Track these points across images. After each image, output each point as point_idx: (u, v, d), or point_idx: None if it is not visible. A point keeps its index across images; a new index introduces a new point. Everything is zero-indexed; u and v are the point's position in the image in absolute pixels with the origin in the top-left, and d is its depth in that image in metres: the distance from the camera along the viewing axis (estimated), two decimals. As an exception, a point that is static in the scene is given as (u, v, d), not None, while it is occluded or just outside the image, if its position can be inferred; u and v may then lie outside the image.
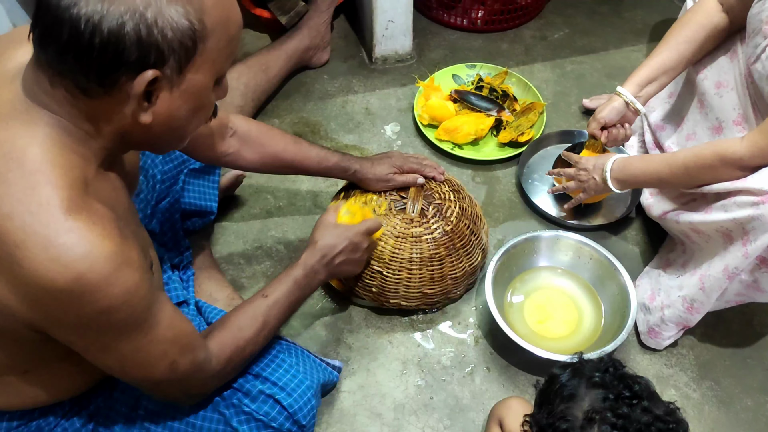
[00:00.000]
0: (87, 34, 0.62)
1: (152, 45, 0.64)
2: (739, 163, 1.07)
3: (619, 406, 0.78)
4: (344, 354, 1.31)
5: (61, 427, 0.92)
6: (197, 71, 0.70)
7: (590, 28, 1.99)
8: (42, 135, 0.68)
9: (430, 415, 1.23)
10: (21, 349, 0.79)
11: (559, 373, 0.87)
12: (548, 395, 0.86)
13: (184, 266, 1.27)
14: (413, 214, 1.29)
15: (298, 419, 0.97)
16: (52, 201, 0.66)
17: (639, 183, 1.32)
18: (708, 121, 1.31)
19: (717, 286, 1.12)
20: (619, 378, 0.82)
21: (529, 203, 1.54)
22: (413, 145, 1.67)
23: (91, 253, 0.67)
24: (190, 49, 0.67)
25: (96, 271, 0.67)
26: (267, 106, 1.73)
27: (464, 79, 1.78)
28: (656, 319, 1.26)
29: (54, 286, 0.66)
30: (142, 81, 0.66)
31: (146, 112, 0.69)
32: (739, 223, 1.05)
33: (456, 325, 1.36)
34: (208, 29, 0.68)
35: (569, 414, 0.80)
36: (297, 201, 1.56)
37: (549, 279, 1.40)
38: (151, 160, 1.16)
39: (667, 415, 0.79)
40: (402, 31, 1.80)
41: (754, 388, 1.28)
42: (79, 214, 0.67)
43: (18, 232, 0.65)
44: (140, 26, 0.63)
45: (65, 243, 0.66)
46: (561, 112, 1.76)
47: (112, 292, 0.69)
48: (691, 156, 1.15)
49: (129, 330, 0.75)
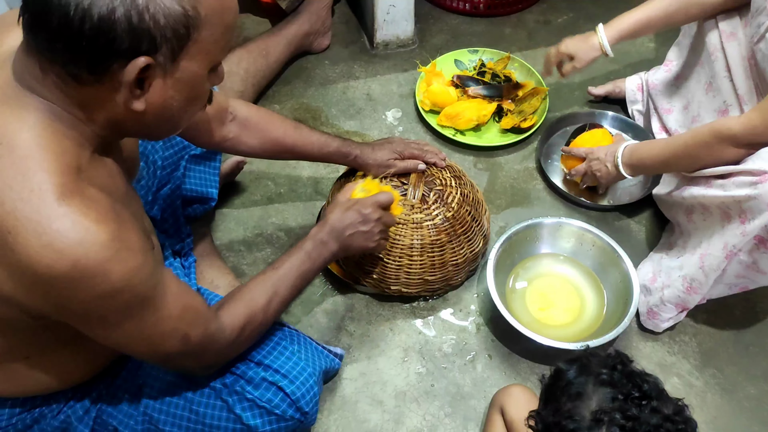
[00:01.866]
0: (77, 21, 0.61)
1: (144, 32, 0.63)
2: (733, 139, 1.07)
3: (628, 407, 0.77)
4: (345, 341, 1.30)
5: (64, 414, 0.92)
6: (191, 59, 0.69)
7: (595, 12, 1.96)
8: (33, 120, 0.67)
9: (432, 403, 1.23)
10: (20, 335, 0.79)
11: (565, 369, 0.85)
12: (554, 392, 0.85)
13: (185, 253, 1.26)
14: (414, 200, 1.28)
15: (301, 406, 0.96)
16: (44, 186, 0.65)
17: (647, 167, 1.33)
18: (714, 103, 1.31)
19: (716, 265, 1.12)
20: (628, 376, 0.81)
21: (550, 185, 1.54)
22: (415, 131, 1.66)
23: (86, 238, 0.66)
24: (183, 37, 0.66)
25: (92, 256, 0.66)
26: (267, 92, 1.71)
27: (466, 65, 1.76)
28: (656, 300, 1.26)
29: (50, 273, 0.65)
30: (134, 68, 0.64)
31: (139, 100, 0.68)
32: (737, 200, 1.05)
33: (457, 312, 1.35)
34: (202, 16, 0.67)
35: (576, 413, 0.79)
36: (298, 187, 1.55)
37: (551, 266, 1.39)
38: (151, 146, 1.15)
39: (676, 415, 0.78)
40: (403, 15, 1.78)
41: (757, 376, 1.27)
42: (72, 199, 0.66)
43: (9, 218, 0.64)
44: (131, 12, 0.62)
45: (59, 229, 0.65)
46: (564, 98, 1.74)
47: (111, 276, 0.68)
48: (690, 136, 1.16)
49: (134, 311, 0.74)
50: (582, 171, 1.43)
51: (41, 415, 0.90)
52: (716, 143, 1.10)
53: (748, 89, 1.21)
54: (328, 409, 1.22)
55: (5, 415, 0.88)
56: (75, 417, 0.92)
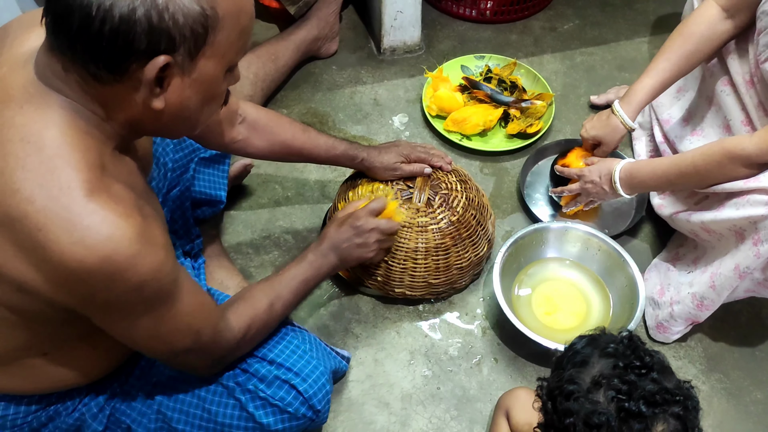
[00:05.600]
0: (98, 22, 0.62)
1: (163, 31, 0.64)
2: (747, 160, 1.06)
3: (627, 374, 0.79)
4: (352, 344, 1.31)
5: (78, 412, 0.93)
6: (209, 59, 0.70)
7: (601, 19, 1.97)
8: (57, 118, 0.69)
9: (437, 405, 1.24)
10: (41, 329, 0.80)
11: (575, 342, 0.88)
12: (561, 361, 0.88)
13: (195, 254, 1.27)
14: (419, 203, 1.29)
15: (314, 404, 0.97)
16: (73, 184, 0.67)
17: (650, 188, 1.31)
18: (718, 118, 1.30)
19: (728, 285, 1.11)
20: (633, 349, 0.83)
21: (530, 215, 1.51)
22: (421, 136, 1.67)
23: (115, 234, 0.67)
24: (201, 36, 0.67)
25: (122, 251, 0.68)
26: (276, 96, 1.73)
27: (473, 70, 1.77)
28: (665, 315, 1.26)
29: (82, 267, 0.67)
30: (154, 67, 0.66)
31: (158, 98, 0.69)
32: (752, 221, 1.04)
33: (463, 315, 1.36)
34: (220, 16, 0.68)
35: (578, 378, 0.82)
36: (305, 191, 1.56)
37: (557, 270, 1.39)
38: (162, 148, 1.16)
39: (676, 389, 0.79)
40: (411, 21, 1.79)
41: (764, 381, 1.27)
42: (100, 195, 0.68)
43: (39, 216, 0.66)
44: (151, 12, 0.63)
45: (89, 225, 0.66)
46: (570, 104, 1.75)
47: (139, 270, 0.70)
48: (699, 155, 1.13)
49: (157, 305, 0.76)
50: (575, 191, 1.40)
51: (56, 412, 0.91)
52: (728, 163, 1.07)
53: (753, 106, 1.19)
54: (335, 411, 1.22)
55: (21, 413, 0.89)
56: (89, 414, 0.93)
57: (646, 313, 1.32)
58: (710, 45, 1.26)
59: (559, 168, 1.45)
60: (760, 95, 1.17)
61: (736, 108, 1.24)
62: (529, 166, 1.57)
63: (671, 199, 1.32)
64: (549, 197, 1.51)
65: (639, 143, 1.57)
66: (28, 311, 0.74)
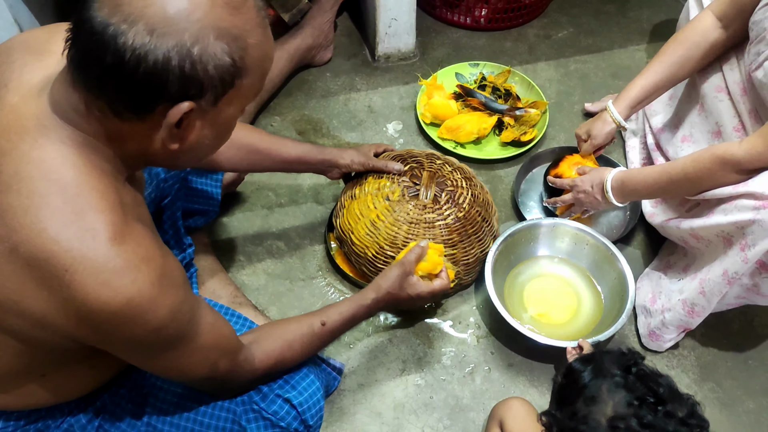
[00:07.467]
0: (131, 64, 0.63)
1: (194, 79, 0.66)
2: (737, 166, 1.07)
3: (643, 414, 0.79)
4: (344, 353, 1.31)
5: (67, 423, 0.93)
6: (230, 103, 0.71)
7: (595, 27, 1.98)
8: (74, 156, 0.70)
9: (430, 415, 1.23)
10: (44, 356, 0.81)
11: (580, 370, 0.87)
12: (569, 394, 0.86)
13: (186, 264, 1.26)
14: (426, 200, 1.31)
15: (306, 419, 0.98)
16: (98, 226, 0.68)
17: (641, 196, 1.32)
18: (707, 124, 1.31)
19: (717, 291, 1.12)
20: (642, 378, 0.83)
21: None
22: (415, 143, 1.67)
23: (138, 277, 0.69)
24: (228, 84, 0.69)
25: (145, 294, 0.69)
26: (269, 104, 1.73)
27: (467, 78, 1.77)
28: (657, 322, 1.26)
29: (105, 309, 0.68)
30: (178, 112, 0.67)
31: (175, 138, 0.70)
32: (740, 227, 1.05)
33: (456, 324, 1.36)
34: (247, 66, 0.69)
35: (592, 419, 0.81)
36: (298, 198, 1.56)
37: (547, 267, 1.41)
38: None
39: (690, 417, 0.80)
40: (405, 29, 1.79)
41: (756, 391, 1.27)
42: (123, 238, 0.69)
43: (67, 257, 0.67)
44: (185, 61, 0.64)
45: (114, 268, 0.68)
46: (564, 112, 1.75)
47: (160, 312, 0.72)
48: (689, 161, 1.14)
49: (176, 343, 0.78)
50: (568, 202, 1.41)
51: (45, 426, 0.91)
52: (719, 169, 1.08)
53: (746, 113, 1.21)
54: (327, 421, 1.22)
55: (10, 427, 0.88)
56: (78, 426, 0.92)
57: (638, 322, 1.32)
58: (704, 52, 1.29)
59: (551, 179, 1.46)
60: (753, 102, 1.19)
61: (729, 114, 1.25)
62: (523, 173, 1.58)
63: (662, 207, 1.33)
64: (543, 206, 1.51)
65: (633, 152, 1.58)
66: (38, 341, 0.75)
